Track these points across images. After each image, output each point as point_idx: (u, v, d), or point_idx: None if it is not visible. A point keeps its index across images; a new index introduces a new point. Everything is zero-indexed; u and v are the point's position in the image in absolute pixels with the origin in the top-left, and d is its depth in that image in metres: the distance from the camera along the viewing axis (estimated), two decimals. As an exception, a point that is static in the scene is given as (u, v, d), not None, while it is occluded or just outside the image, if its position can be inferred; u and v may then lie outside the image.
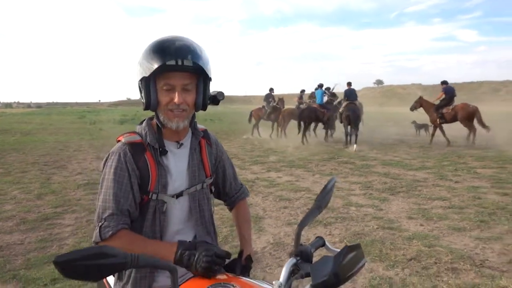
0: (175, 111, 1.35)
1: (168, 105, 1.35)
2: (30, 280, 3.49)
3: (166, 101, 1.34)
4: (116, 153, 1.38)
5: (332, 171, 8.94)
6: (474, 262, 3.76)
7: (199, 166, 1.51)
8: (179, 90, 1.33)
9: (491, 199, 6.13)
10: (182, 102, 1.34)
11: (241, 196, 1.73)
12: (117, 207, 1.32)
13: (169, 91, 1.33)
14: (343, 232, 4.71)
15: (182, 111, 1.36)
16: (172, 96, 1.33)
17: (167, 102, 1.34)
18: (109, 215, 1.32)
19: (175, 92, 1.33)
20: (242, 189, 1.74)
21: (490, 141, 13.53)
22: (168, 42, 1.30)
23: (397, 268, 3.67)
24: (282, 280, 1.12)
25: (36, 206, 6.00)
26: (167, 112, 1.36)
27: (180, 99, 1.33)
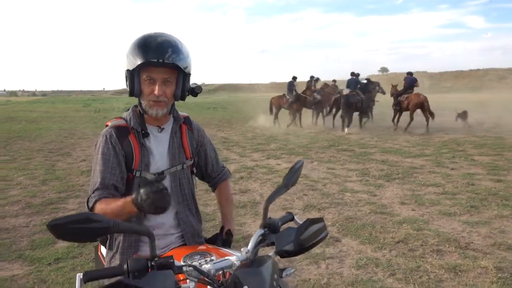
0: (155, 101, 1.51)
1: (149, 96, 1.51)
2: (35, 260, 3.69)
3: (148, 91, 1.51)
4: (104, 136, 1.56)
5: (331, 158, 9.07)
6: (459, 244, 3.90)
7: (180, 149, 1.67)
8: (159, 83, 1.49)
9: (485, 186, 6.24)
10: (161, 94, 1.50)
11: (223, 178, 1.88)
12: (103, 182, 1.49)
13: (150, 83, 1.49)
14: (336, 216, 4.87)
15: (160, 101, 1.52)
16: (153, 88, 1.49)
17: (149, 93, 1.51)
18: (96, 189, 1.49)
19: (155, 85, 1.49)
20: (224, 171, 1.89)
21: (493, 129, 13.61)
22: (151, 39, 1.46)
23: (384, 250, 3.83)
24: (250, 247, 1.27)
25: (41, 192, 6.21)
26: (148, 101, 1.53)
27: (160, 91, 1.49)
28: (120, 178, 1.53)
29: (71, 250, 3.90)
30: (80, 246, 3.98)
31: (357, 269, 3.43)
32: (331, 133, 14.24)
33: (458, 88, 65.37)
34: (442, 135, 13.03)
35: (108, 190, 1.49)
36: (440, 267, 3.40)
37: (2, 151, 10.36)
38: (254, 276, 1.08)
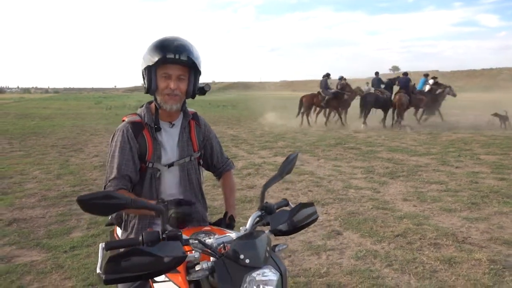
0: (170, 95, 1.69)
1: (165, 90, 1.70)
2: (52, 248, 3.93)
3: (164, 86, 1.69)
4: (121, 130, 1.74)
5: (337, 156, 9.21)
6: (456, 238, 4.04)
7: (188, 143, 1.86)
8: (175, 79, 1.68)
9: (488, 184, 6.34)
10: (176, 88, 1.69)
11: (227, 168, 2.07)
12: (119, 172, 1.68)
13: (166, 79, 1.68)
14: (338, 211, 5.03)
15: (175, 95, 1.70)
16: (168, 82, 1.68)
17: (164, 87, 1.69)
18: (113, 179, 1.67)
19: (171, 80, 1.68)
20: (228, 162, 2.08)
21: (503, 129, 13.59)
22: (168, 41, 1.66)
23: (383, 243, 3.98)
24: (248, 226, 1.46)
25: (55, 185, 6.47)
26: (164, 96, 1.71)
27: (175, 85, 1.68)
28: (133, 170, 1.72)
29: (85, 239, 4.13)
30: (94, 236, 4.21)
31: (356, 260, 3.59)
32: (339, 132, 14.35)
33: (470, 88, 64.57)
34: (450, 134, 13.07)
35: (123, 180, 1.68)
36: (435, 259, 3.54)
37: (18, 146, 10.70)
38: (250, 246, 1.26)
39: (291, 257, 3.70)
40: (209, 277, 1.27)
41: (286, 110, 20.75)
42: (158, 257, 1.13)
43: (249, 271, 1.22)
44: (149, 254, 1.14)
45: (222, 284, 1.22)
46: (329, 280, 3.23)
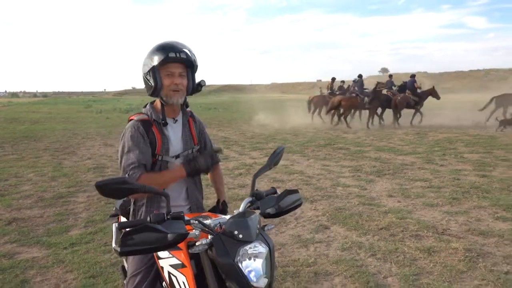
0: (175, 89, 1.93)
1: (169, 86, 1.92)
2: (52, 245, 4.09)
3: (168, 83, 1.91)
4: (132, 126, 1.94)
5: (326, 156, 9.45)
6: (436, 230, 4.29)
7: (189, 137, 2.08)
8: (177, 75, 1.92)
9: (469, 180, 6.62)
10: (180, 83, 1.93)
11: None
12: (138, 161, 1.87)
13: (170, 76, 1.91)
14: (326, 207, 5.26)
15: (179, 90, 1.94)
16: (172, 79, 1.91)
17: (169, 84, 1.92)
18: (133, 167, 1.85)
19: (174, 77, 1.91)
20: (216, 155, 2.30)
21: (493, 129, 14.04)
22: (168, 43, 1.91)
23: (368, 235, 4.22)
24: (241, 210, 1.67)
25: (51, 187, 6.60)
26: (169, 92, 1.93)
27: (178, 80, 1.92)
28: (149, 160, 1.92)
29: (84, 236, 4.30)
30: (92, 233, 4.37)
31: (342, 251, 3.82)
32: (329, 133, 14.62)
33: (458, 89, 65.65)
34: (436, 134, 13.41)
35: (142, 168, 1.87)
36: (416, 249, 3.79)
37: (10, 150, 10.76)
38: (242, 224, 1.47)
39: (281, 250, 3.91)
40: (208, 251, 1.48)
41: (278, 112, 21.03)
42: (164, 233, 1.34)
43: (242, 245, 1.43)
44: (156, 230, 1.34)
45: (219, 256, 1.42)
46: (316, 269, 3.45)
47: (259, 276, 1.42)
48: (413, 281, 3.18)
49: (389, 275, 3.31)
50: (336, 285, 3.18)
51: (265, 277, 1.44)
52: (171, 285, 1.64)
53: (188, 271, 1.55)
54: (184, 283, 1.56)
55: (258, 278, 1.41)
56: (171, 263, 1.63)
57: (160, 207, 1.97)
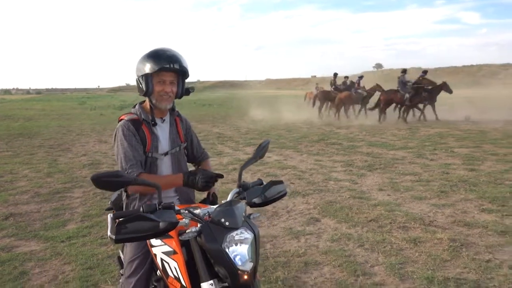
0: (164, 96, 2.03)
1: (160, 93, 2.03)
2: (49, 238, 4.18)
3: (159, 89, 2.02)
4: (123, 126, 2.05)
5: (319, 151, 9.58)
6: (423, 222, 4.43)
7: (176, 135, 2.20)
8: (168, 83, 2.02)
9: (458, 174, 6.78)
10: (170, 91, 2.04)
11: (205, 157, 2.45)
12: (135, 159, 1.99)
13: (161, 84, 2.01)
14: (317, 200, 5.38)
15: (169, 97, 2.04)
16: (163, 87, 2.02)
17: (160, 90, 2.02)
18: (131, 165, 1.97)
19: (166, 84, 2.02)
20: (205, 152, 2.47)
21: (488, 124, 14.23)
22: (162, 51, 2.00)
23: (357, 227, 4.35)
24: (228, 200, 1.77)
25: (47, 183, 6.68)
26: (159, 97, 2.04)
27: (169, 89, 2.03)
28: (142, 157, 2.04)
29: (80, 230, 4.40)
30: (89, 227, 4.47)
31: (332, 242, 3.95)
32: (323, 128, 14.75)
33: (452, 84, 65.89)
34: (428, 129, 13.58)
35: (139, 166, 2.00)
36: (402, 240, 3.92)
37: (5, 147, 10.80)
38: (229, 212, 1.58)
39: (273, 241, 4.04)
40: (197, 238, 1.59)
41: (273, 108, 21.15)
42: (156, 222, 1.45)
43: (229, 231, 1.54)
44: (149, 219, 1.45)
45: (208, 242, 1.54)
46: (307, 259, 3.58)
47: (244, 260, 1.53)
48: (398, 270, 3.31)
49: (375, 264, 3.45)
50: (325, 274, 3.31)
51: (250, 261, 1.55)
52: (164, 271, 1.75)
53: (179, 257, 1.66)
54: (176, 268, 1.67)
55: (244, 262, 1.53)
56: (163, 251, 1.74)
57: (152, 200, 2.08)
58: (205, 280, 1.57)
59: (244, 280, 1.53)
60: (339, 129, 14.17)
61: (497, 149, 9.16)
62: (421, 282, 3.08)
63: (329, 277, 3.24)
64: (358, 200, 5.38)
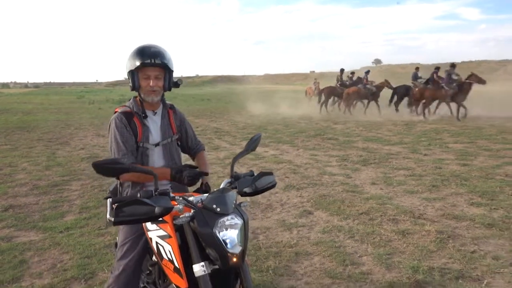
0: (150, 91, 2.14)
1: (146, 87, 2.14)
2: (48, 229, 4.29)
3: (145, 84, 2.13)
4: (116, 118, 2.17)
5: (315, 146, 9.69)
6: (413, 215, 4.55)
7: (168, 127, 2.31)
8: (153, 78, 2.13)
9: (450, 169, 6.90)
10: (154, 85, 2.14)
11: (200, 149, 2.54)
12: (127, 149, 2.11)
13: (146, 79, 2.12)
14: (311, 194, 5.50)
15: (154, 91, 2.15)
16: (148, 82, 2.12)
17: (146, 85, 2.13)
18: (123, 155, 2.09)
19: (150, 79, 2.12)
20: (200, 143, 2.56)
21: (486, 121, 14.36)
22: (145, 49, 2.10)
23: (348, 219, 4.47)
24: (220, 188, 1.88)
25: (45, 176, 6.77)
26: (146, 92, 2.15)
27: (154, 83, 2.13)
28: (133, 147, 2.16)
29: (78, 221, 4.50)
30: (87, 218, 4.58)
31: (323, 234, 4.06)
32: (320, 123, 14.85)
33: (450, 80, 65.94)
34: (424, 125, 13.70)
35: (131, 156, 2.12)
36: (392, 232, 4.04)
37: (3, 140, 10.87)
38: (221, 199, 1.68)
39: (266, 233, 4.15)
40: (190, 223, 1.70)
41: (271, 103, 21.23)
42: (152, 206, 1.55)
43: (220, 217, 1.65)
44: (145, 204, 1.55)
45: (200, 227, 1.64)
46: (298, 249, 3.69)
47: (234, 244, 1.64)
48: (386, 260, 3.43)
49: (364, 254, 3.56)
50: (315, 263, 3.42)
51: (240, 245, 1.66)
52: (159, 254, 1.86)
53: (173, 241, 1.77)
54: (170, 251, 1.78)
55: (233, 246, 1.64)
56: (158, 234, 1.85)
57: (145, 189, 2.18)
58: (197, 262, 1.68)
59: (233, 262, 1.64)
60: (336, 125, 14.28)
61: (491, 145, 9.28)
62: (406, 271, 3.19)
63: (319, 266, 3.36)
64: (351, 194, 5.49)
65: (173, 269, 1.77)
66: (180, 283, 1.74)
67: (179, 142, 2.42)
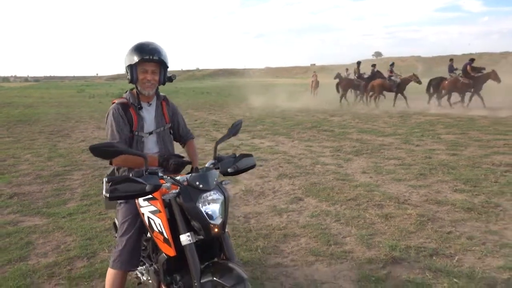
0: (147, 84, 2.36)
1: (143, 80, 2.36)
2: (51, 214, 4.53)
3: (142, 78, 2.36)
4: (114, 109, 2.40)
5: (311, 137, 9.91)
6: (398, 200, 4.78)
7: (161, 117, 2.54)
8: (150, 73, 2.35)
9: (439, 158, 7.12)
10: (151, 79, 2.36)
11: (190, 137, 2.78)
12: (120, 137, 2.33)
13: (144, 73, 2.35)
14: (303, 182, 5.73)
15: (151, 84, 2.37)
16: (145, 75, 2.35)
17: (143, 78, 2.36)
18: (117, 142, 2.30)
19: (148, 74, 2.34)
20: (190, 132, 2.79)
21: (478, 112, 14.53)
22: (144, 45, 2.32)
23: (336, 205, 4.70)
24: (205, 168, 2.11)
25: (47, 166, 7.01)
26: (142, 84, 2.38)
27: (151, 77, 2.36)
28: (127, 135, 2.38)
29: (80, 207, 4.75)
30: (88, 205, 4.82)
31: (311, 218, 4.30)
32: (317, 116, 15.06)
33: (450, 73, 65.95)
34: (419, 117, 13.89)
35: (123, 143, 2.33)
36: (376, 215, 4.28)
37: (6, 133, 11.11)
38: (203, 177, 1.91)
39: (257, 217, 4.39)
40: (177, 198, 1.93)
41: (269, 96, 21.41)
42: (143, 184, 1.78)
43: (203, 193, 1.88)
44: (137, 181, 1.78)
45: (185, 201, 1.87)
46: (286, 232, 3.93)
47: (215, 216, 1.88)
48: (367, 240, 3.67)
49: (348, 235, 3.81)
50: (301, 244, 3.66)
51: (220, 217, 1.89)
52: (150, 227, 2.10)
53: (162, 215, 2.00)
54: (160, 224, 2.01)
55: (214, 218, 1.87)
56: (149, 210, 2.08)
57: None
58: (183, 233, 1.91)
59: (214, 232, 1.87)
60: (333, 117, 14.49)
61: (482, 136, 9.49)
62: (385, 250, 3.43)
63: (305, 246, 3.60)
64: (341, 182, 5.72)
65: (163, 239, 2.01)
66: (169, 251, 1.98)
67: (171, 131, 2.64)
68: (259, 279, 3.01)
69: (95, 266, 3.27)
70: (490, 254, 3.34)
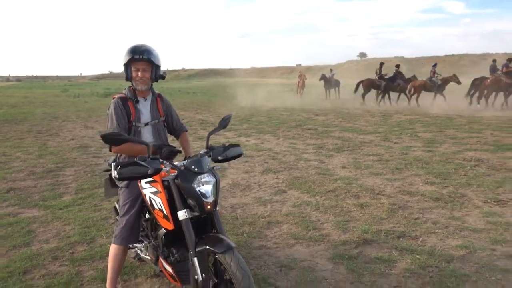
0: (139, 80, 2.69)
1: (136, 78, 2.69)
2: (48, 207, 4.79)
3: (135, 75, 2.69)
4: (115, 102, 2.72)
5: (295, 135, 10.29)
6: (373, 192, 5.18)
7: (156, 110, 2.86)
8: (141, 70, 2.68)
9: (415, 155, 7.57)
10: (142, 77, 2.69)
11: (183, 129, 3.11)
12: (119, 127, 2.63)
13: (136, 71, 2.68)
14: (286, 176, 6.09)
15: (142, 81, 2.70)
16: (137, 73, 2.68)
17: (135, 76, 2.69)
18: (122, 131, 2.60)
19: (139, 71, 2.67)
20: (183, 125, 3.12)
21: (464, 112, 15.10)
22: (136, 47, 2.65)
23: (316, 196, 5.08)
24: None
25: (39, 163, 7.22)
26: (135, 81, 2.71)
27: (142, 75, 2.69)
28: (126, 126, 2.70)
29: (75, 200, 5.01)
30: (83, 198, 5.09)
31: (293, 207, 4.66)
32: (301, 115, 15.46)
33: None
34: (400, 116, 14.41)
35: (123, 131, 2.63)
36: (352, 205, 4.67)
37: (-7, 132, 11.18)
38: (198, 162, 2.24)
39: (243, 208, 4.73)
40: (175, 180, 2.25)
41: (256, 96, 21.75)
42: (146, 167, 2.10)
43: (197, 175, 2.21)
44: (141, 165, 2.10)
45: (182, 182, 2.20)
46: (270, 219, 4.29)
47: (208, 195, 2.21)
48: (343, 225, 4.05)
49: (325, 222, 4.18)
50: (283, 229, 4.02)
51: (213, 196, 2.23)
52: (151, 206, 2.42)
53: (162, 195, 2.33)
54: (160, 203, 2.33)
55: (208, 196, 2.21)
56: (151, 191, 2.40)
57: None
58: (180, 209, 2.24)
59: (208, 209, 2.21)
60: (317, 116, 14.91)
61: (458, 134, 10.01)
62: (358, 233, 3.81)
63: (286, 231, 3.96)
64: (322, 176, 6.10)
65: (162, 216, 2.34)
66: (168, 226, 2.31)
67: (165, 123, 2.96)
68: (245, 258, 3.35)
69: (95, 250, 3.56)
70: (451, 236, 3.75)
